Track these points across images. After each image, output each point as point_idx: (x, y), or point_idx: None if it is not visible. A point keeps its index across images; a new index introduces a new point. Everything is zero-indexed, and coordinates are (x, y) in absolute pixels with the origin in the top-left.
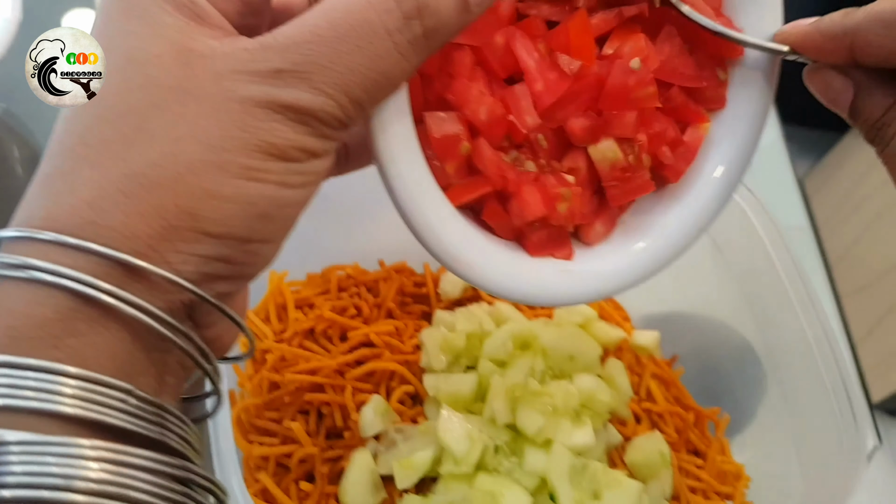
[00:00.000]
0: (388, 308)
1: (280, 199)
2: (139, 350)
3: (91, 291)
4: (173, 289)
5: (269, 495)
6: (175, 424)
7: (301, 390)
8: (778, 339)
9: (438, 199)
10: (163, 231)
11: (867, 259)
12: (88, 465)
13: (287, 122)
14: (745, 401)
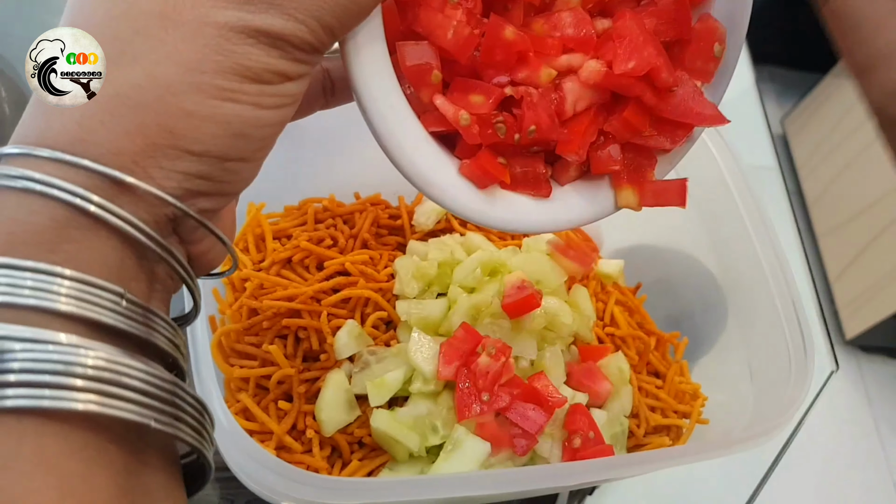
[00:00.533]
0: (364, 239)
1: (255, 119)
2: (130, 258)
3: (81, 202)
4: (157, 203)
5: (250, 414)
6: (163, 328)
7: (279, 316)
8: (737, 270)
9: (412, 123)
10: (146, 148)
11: (843, 200)
12: (87, 353)
13: (260, 45)
14: (704, 327)
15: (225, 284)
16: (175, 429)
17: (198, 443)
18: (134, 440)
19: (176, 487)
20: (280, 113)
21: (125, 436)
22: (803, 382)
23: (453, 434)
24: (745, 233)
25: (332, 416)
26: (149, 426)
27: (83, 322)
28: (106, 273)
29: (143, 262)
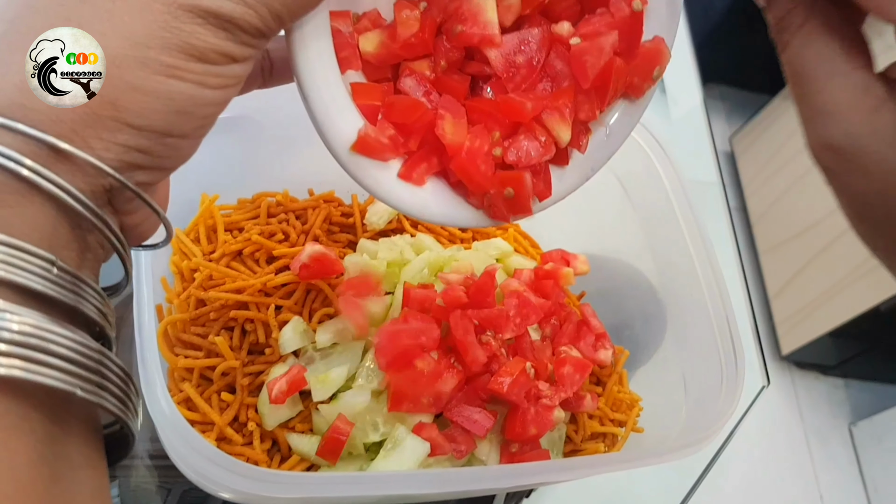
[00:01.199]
0: (315, 235)
1: (198, 97)
2: (63, 226)
3: (15, 167)
4: (95, 172)
5: (192, 404)
6: (93, 297)
7: (227, 307)
8: (676, 283)
9: (353, 114)
10: (86, 118)
11: (786, 218)
12: (12, 318)
13: (208, 26)
14: (643, 337)
15: (174, 274)
16: (100, 398)
17: (122, 413)
18: (57, 408)
19: (97, 457)
20: (223, 93)
21: (48, 403)
22: (733, 396)
23: (394, 432)
24: (685, 247)
25: (274, 410)
26: (73, 394)
27: (11, 287)
28: (37, 239)
29: (76, 230)
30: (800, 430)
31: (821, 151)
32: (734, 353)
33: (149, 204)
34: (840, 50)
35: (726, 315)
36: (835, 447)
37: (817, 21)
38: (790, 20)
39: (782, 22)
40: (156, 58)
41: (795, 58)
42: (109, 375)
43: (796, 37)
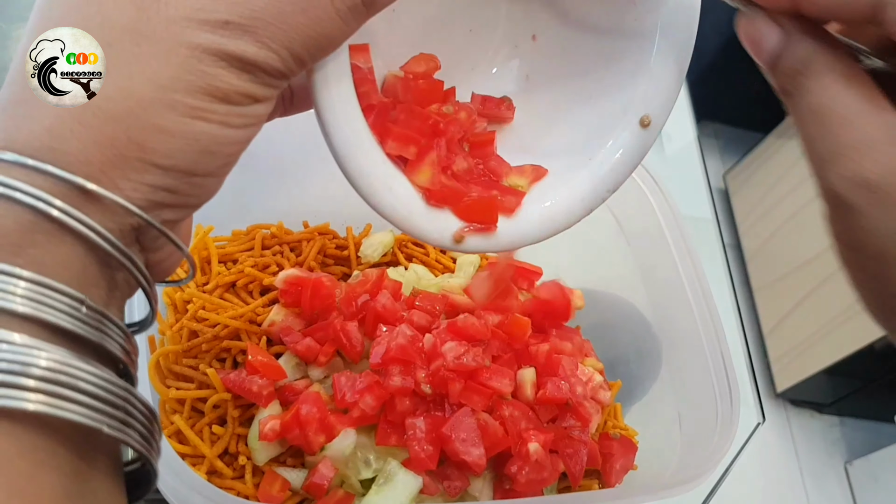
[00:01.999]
0: (310, 266)
1: (222, 137)
2: (92, 265)
3: (46, 207)
4: (123, 212)
5: (183, 437)
6: (118, 335)
7: (219, 339)
8: (671, 319)
9: (373, 149)
10: (115, 159)
11: (780, 256)
12: (40, 354)
13: (232, 69)
14: (638, 373)
15: (167, 305)
16: (125, 434)
17: (145, 450)
18: (83, 444)
19: (119, 493)
20: (246, 132)
21: (74, 439)
22: (728, 433)
23: (385, 467)
24: (680, 282)
25: (265, 446)
26: (100, 431)
27: (39, 324)
28: (67, 278)
29: (104, 268)
30: (795, 468)
31: (852, 188)
32: (729, 390)
33: (174, 242)
34: (865, 92)
35: (721, 351)
36: (831, 486)
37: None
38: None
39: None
40: (181, 100)
41: (817, 98)
42: (134, 412)
43: (818, 80)
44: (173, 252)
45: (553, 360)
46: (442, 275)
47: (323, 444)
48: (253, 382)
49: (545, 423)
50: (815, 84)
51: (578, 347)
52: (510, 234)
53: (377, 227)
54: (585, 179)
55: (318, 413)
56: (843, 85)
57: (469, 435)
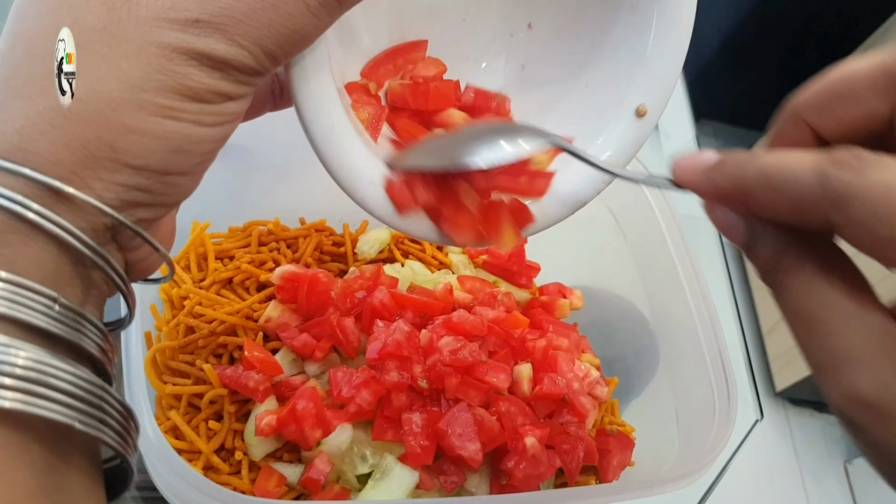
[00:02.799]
0: (307, 263)
1: (194, 136)
2: (66, 264)
3: (19, 209)
4: (95, 212)
5: (179, 432)
6: (95, 334)
7: (215, 335)
8: (669, 317)
9: (355, 143)
10: (85, 160)
11: None
12: (16, 353)
13: (202, 67)
14: (636, 370)
15: (163, 301)
16: (99, 431)
17: (121, 447)
18: (58, 441)
19: (96, 489)
20: (220, 130)
21: (49, 436)
22: (725, 429)
23: (382, 462)
24: (678, 280)
25: (261, 441)
26: (73, 427)
27: (14, 323)
28: (41, 277)
29: (79, 267)
30: (794, 467)
31: (848, 405)
32: (727, 386)
33: (147, 240)
34: (846, 289)
35: (719, 348)
36: (830, 485)
37: (813, 258)
38: (782, 260)
39: (773, 263)
40: (151, 99)
41: (797, 301)
42: (109, 410)
43: (794, 278)
44: (153, 251)
45: (550, 356)
46: (438, 271)
47: (319, 440)
48: (249, 378)
49: (542, 419)
50: (793, 282)
51: (575, 343)
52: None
53: (374, 224)
54: (582, 170)
55: (315, 408)
56: (823, 281)
57: (465, 430)
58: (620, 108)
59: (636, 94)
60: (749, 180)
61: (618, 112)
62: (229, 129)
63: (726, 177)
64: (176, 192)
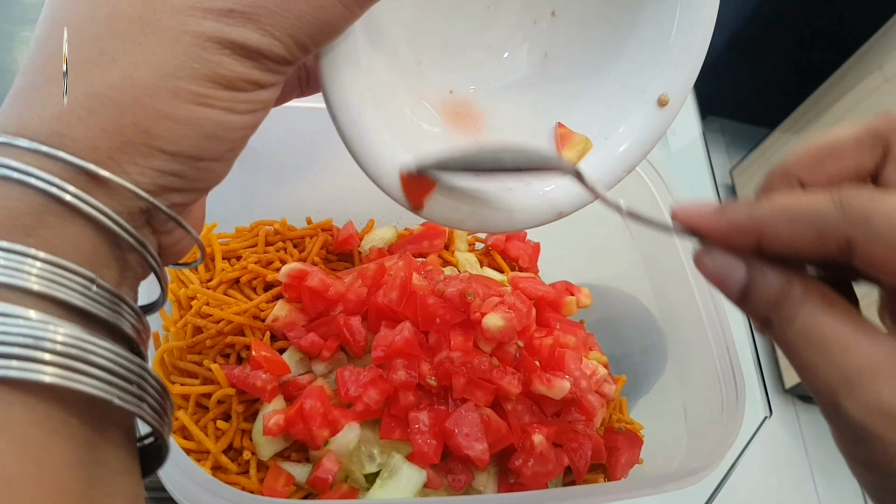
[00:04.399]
0: (313, 262)
1: (227, 122)
2: (103, 246)
3: (57, 191)
4: (131, 196)
5: (188, 432)
6: (130, 314)
7: (223, 335)
8: (676, 314)
9: (382, 131)
10: (121, 145)
11: None
12: (56, 330)
13: (235, 56)
14: (644, 367)
15: (171, 301)
16: (138, 408)
17: (158, 424)
18: (96, 416)
19: (133, 465)
20: (251, 118)
21: (88, 411)
22: (734, 425)
23: (390, 461)
24: (685, 277)
25: (269, 441)
26: (111, 403)
27: (53, 302)
28: (79, 258)
29: (115, 250)
30: (804, 463)
31: (871, 417)
32: (735, 383)
33: (181, 224)
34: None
35: (727, 344)
36: (840, 481)
37: (816, 287)
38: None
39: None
40: (186, 87)
41: (808, 326)
42: (146, 388)
43: (803, 306)
44: (185, 235)
45: (557, 354)
46: (444, 268)
47: (327, 439)
48: (257, 378)
49: (549, 417)
50: (802, 311)
51: (583, 341)
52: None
53: (379, 223)
54: (601, 159)
55: (322, 407)
56: (829, 309)
57: (472, 430)
58: (642, 97)
59: (658, 84)
60: (765, 215)
61: (639, 101)
62: (260, 117)
63: (743, 214)
64: (209, 177)
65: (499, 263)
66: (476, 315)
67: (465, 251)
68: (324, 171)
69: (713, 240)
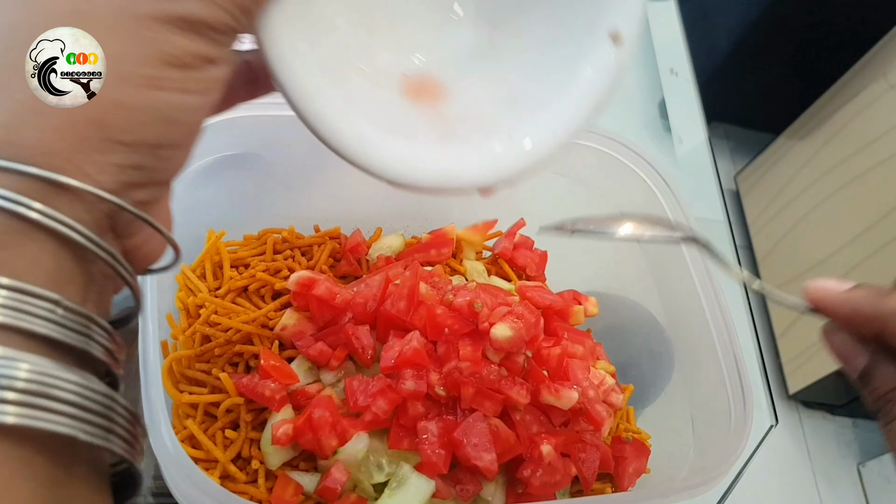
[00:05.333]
0: (321, 270)
1: (182, 104)
2: (66, 260)
3: (18, 208)
4: (94, 199)
5: (196, 441)
6: (100, 335)
7: (231, 343)
8: (684, 321)
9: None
10: (77, 143)
11: (792, 257)
12: (19, 366)
13: (182, 32)
14: (651, 376)
15: (179, 310)
16: (106, 441)
17: (129, 454)
18: (62, 451)
19: (101, 498)
20: (206, 98)
21: (53, 447)
22: (741, 436)
23: (398, 471)
24: (692, 285)
25: (278, 450)
26: (76, 438)
27: (17, 332)
28: (42, 278)
29: (80, 263)
30: (808, 470)
31: None
32: (742, 393)
33: (151, 223)
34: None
35: (734, 354)
36: (844, 487)
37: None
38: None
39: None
40: (136, 71)
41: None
42: (115, 417)
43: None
44: (152, 236)
45: (565, 364)
46: (452, 277)
47: (336, 448)
48: (265, 387)
49: (557, 427)
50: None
51: (590, 350)
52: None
53: (387, 231)
54: (565, 102)
55: (331, 417)
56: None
57: (480, 440)
58: (594, 35)
59: (608, 18)
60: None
61: (593, 39)
62: (214, 98)
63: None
64: (169, 166)
65: (506, 272)
66: (484, 325)
67: (473, 259)
68: (332, 178)
69: (838, 322)
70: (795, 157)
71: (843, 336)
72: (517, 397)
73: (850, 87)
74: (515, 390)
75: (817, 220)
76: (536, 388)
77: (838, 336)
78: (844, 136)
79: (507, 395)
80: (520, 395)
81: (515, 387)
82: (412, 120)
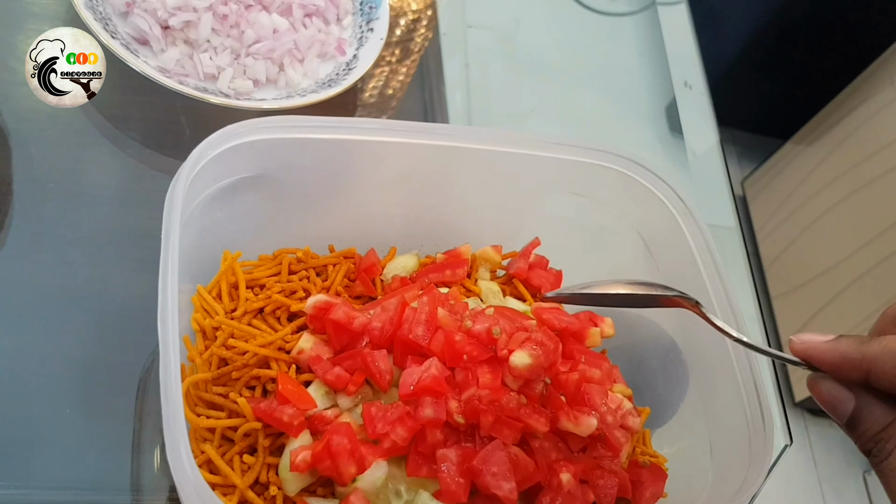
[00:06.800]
0: (337, 291)
1: None
2: None
3: None
4: None
5: (214, 466)
6: None
7: (248, 366)
8: (699, 341)
9: None
10: None
11: (799, 263)
12: None
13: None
14: (667, 397)
15: (195, 332)
16: None
17: None
18: None
19: None
20: None
21: None
22: (762, 466)
23: (417, 499)
24: (709, 304)
25: (296, 476)
26: None
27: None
28: None
29: None
30: (814, 477)
31: None
32: (762, 416)
33: None
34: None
35: (753, 378)
36: (849, 495)
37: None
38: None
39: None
40: None
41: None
42: None
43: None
44: None
45: (583, 389)
46: (467, 299)
47: (354, 475)
48: (283, 413)
49: (575, 452)
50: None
51: (607, 374)
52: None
53: (401, 251)
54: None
55: (349, 444)
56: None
57: (500, 469)
58: None
59: None
60: (873, 354)
61: None
62: None
63: (854, 349)
64: None
65: (521, 292)
66: (503, 352)
67: (488, 280)
68: (346, 199)
69: (825, 370)
70: (803, 163)
71: (830, 384)
72: (537, 425)
73: (859, 93)
74: (535, 418)
75: (825, 226)
76: (555, 416)
77: (825, 384)
78: (852, 142)
79: (526, 423)
80: (539, 423)
81: (535, 415)
82: None
